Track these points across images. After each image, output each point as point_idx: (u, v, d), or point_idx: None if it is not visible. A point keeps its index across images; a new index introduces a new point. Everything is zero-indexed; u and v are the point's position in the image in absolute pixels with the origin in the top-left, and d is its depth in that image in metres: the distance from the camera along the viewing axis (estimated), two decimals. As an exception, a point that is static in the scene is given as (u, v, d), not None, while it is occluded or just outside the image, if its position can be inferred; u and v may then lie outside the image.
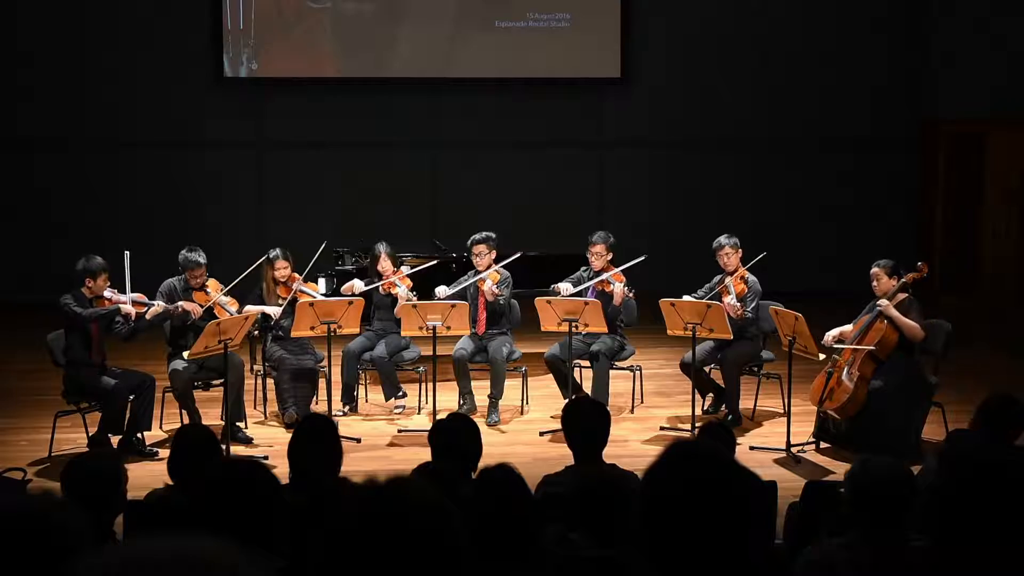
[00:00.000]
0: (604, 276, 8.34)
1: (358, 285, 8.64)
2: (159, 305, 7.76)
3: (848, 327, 7.79)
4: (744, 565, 1.99)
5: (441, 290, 8.52)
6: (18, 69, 12.71)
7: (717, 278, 8.37)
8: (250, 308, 8.19)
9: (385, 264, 8.61)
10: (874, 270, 7.66)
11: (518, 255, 8.82)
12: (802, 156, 13.54)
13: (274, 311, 8.26)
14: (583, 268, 8.62)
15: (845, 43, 13.47)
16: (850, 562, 3.39)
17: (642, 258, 8.47)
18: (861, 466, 3.59)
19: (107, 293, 7.59)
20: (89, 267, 7.50)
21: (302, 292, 8.33)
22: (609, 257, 8.47)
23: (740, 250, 8.28)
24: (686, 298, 8.18)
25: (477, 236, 8.54)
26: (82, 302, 7.46)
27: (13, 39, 12.71)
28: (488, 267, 8.50)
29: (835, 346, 7.65)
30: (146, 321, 7.75)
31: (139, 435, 7.61)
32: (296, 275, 8.40)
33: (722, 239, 8.32)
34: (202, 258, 8.01)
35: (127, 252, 7.74)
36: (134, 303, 7.66)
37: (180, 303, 7.90)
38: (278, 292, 8.36)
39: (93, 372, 7.52)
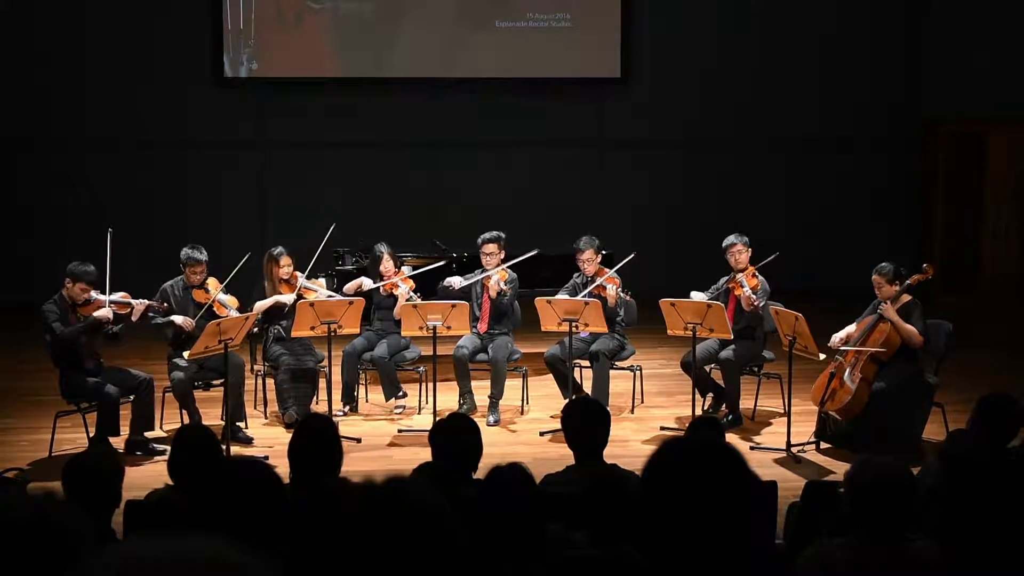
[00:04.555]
0: (599, 281, 8.34)
1: (366, 283, 8.65)
2: (141, 303, 7.72)
3: (847, 330, 7.77)
4: (746, 564, 1.99)
5: (456, 280, 8.54)
6: (18, 69, 12.72)
7: (725, 278, 8.35)
8: (260, 305, 8.19)
9: (387, 265, 8.62)
10: (874, 278, 7.62)
11: (534, 252, 8.80)
12: (802, 156, 13.54)
13: (288, 298, 8.26)
14: (576, 275, 8.62)
15: (845, 43, 13.47)
16: (850, 562, 3.39)
17: (632, 256, 8.48)
18: (861, 466, 3.59)
19: (93, 294, 7.54)
20: (73, 270, 7.45)
21: (307, 289, 8.34)
22: (599, 260, 8.48)
23: (751, 249, 8.26)
24: (694, 294, 8.15)
25: (487, 235, 8.56)
26: (62, 309, 7.42)
27: (13, 40, 12.71)
28: (497, 266, 8.52)
29: (840, 348, 7.64)
30: (131, 322, 7.72)
31: (143, 435, 7.61)
32: (297, 273, 8.41)
33: (733, 237, 8.30)
34: (203, 255, 7.99)
35: (110, 230, 7.70)
36: (115, 303, 7.59)
37: (173, 317, 7.88)
38: (281, 290, 8.36)
39: (86, 375, 7.51)
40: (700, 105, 13.40)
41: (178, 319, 7.87)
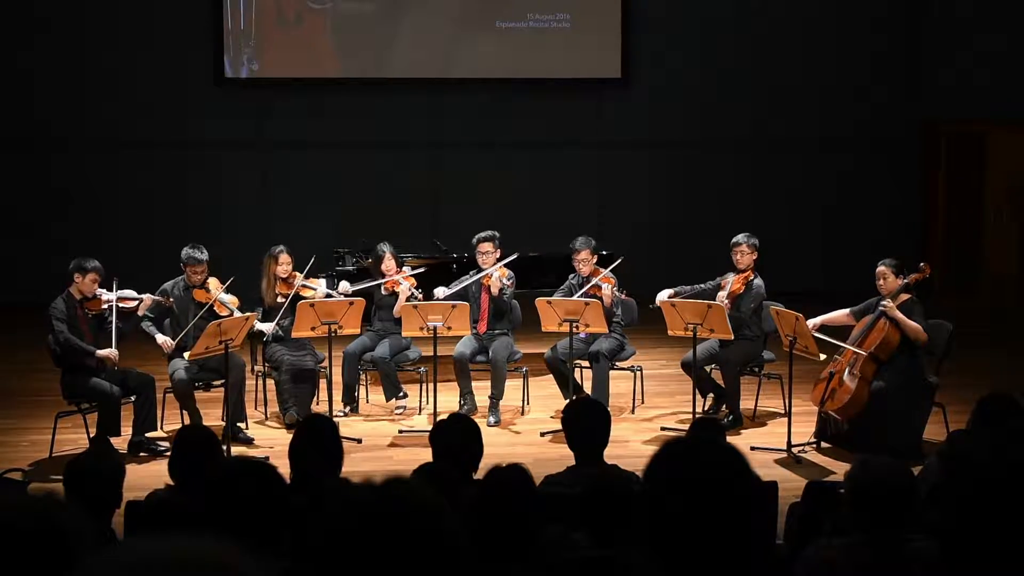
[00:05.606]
0: (595, 281, 8.35)
1: (343, 286, 8.66)
2: (148, 298, 7.76)
3: (831, 315, 7.82)
4: (746, 564, 1.99)
5: (440, 291, 8.53)
6: (18, 69, 12.72)
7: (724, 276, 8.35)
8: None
9: (389, 264, 8.63)
10: (880, 268, 7.63)
11: (515, 255, 8.83)
12: (802, 156, 13.54)
13: (268, 327, 8.24)
14: (572, 276, 8.62)
15: (845, 43, 13.47)
16: (850, 562, 3.39)
17: (619, 260, 8.52)
18: (861, 466, 3.59)
19: (99, 292, 7.59)
20: (81, 265, 7.52)
21: (304, 287, 8.34)
22: (595, 260, 8.49)
23: (756, 252, 8.25)
24: (664, 293, 8.14)
25: (482, 235, 8.57)
26: (70, 308, 7.45)
27: (12, 39, 12.71)
28: (493, 265, 8.52)
29: (836, 344, 7.65)
30: (138, 317, 7.77)
31: (146, 435, 7.62)
32: (297, 272, 8.41)
33: (740, 236, 8.28)
34: (203, 255, 8.00)
35: (115, 279, 7.72)
36: (122, 299, 7.66)
37: (157, 335, 7.91)
38: (278, 289, 8.36)
39: (87, 375, 7.51)
40: (700, 105, 13.39)
41: (160, 338, 7.89)
